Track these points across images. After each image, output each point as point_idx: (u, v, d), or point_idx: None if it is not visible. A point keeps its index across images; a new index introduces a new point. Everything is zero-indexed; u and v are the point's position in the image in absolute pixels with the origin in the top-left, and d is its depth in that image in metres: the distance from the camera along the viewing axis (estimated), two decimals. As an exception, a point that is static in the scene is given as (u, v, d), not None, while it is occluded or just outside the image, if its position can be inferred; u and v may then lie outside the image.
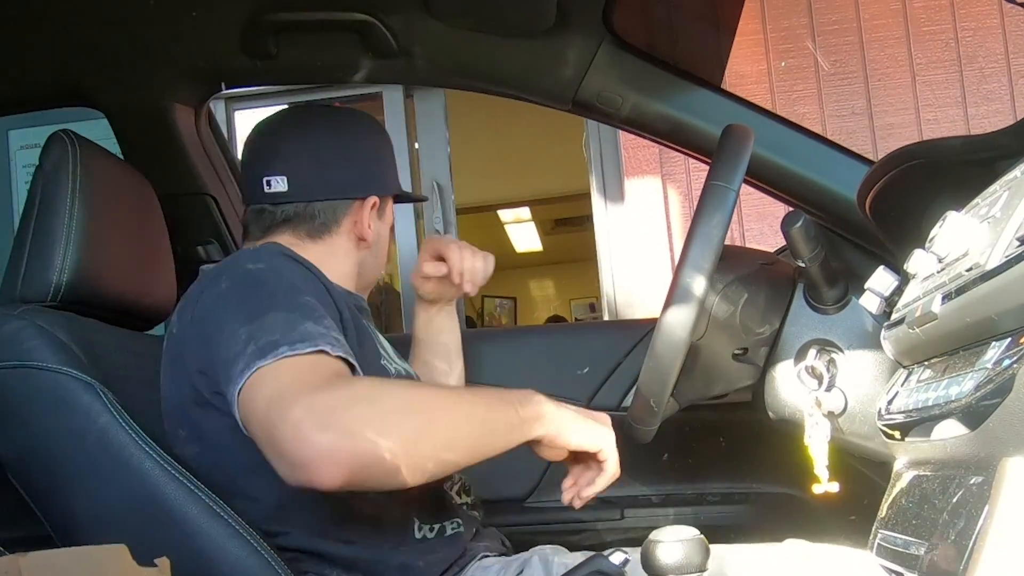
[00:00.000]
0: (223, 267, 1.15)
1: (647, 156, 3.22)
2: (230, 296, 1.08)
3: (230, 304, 1.07)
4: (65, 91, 1.55)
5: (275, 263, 1.13)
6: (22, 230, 1.22)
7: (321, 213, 1.29)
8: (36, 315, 1.14)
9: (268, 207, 1.29)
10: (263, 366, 0.96)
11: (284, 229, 1.29)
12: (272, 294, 1.07)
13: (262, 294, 1.07)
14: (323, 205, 1.29)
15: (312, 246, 1.29)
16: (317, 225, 1.29)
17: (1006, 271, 0.67)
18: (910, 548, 0.76)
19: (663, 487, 1.63)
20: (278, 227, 1.29)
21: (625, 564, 0.96)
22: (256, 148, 1.33)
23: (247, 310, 1.04)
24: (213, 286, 1.11)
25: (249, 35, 1.44)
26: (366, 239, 1.32)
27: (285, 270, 1.12)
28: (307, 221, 1.29)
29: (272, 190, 1.28)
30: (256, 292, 1.08)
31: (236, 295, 1.08)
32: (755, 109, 1.45)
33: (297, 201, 1.28)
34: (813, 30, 3.21)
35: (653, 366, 1.12)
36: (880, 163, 1.08)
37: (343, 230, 1.30)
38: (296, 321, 1.01)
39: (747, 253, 1.39)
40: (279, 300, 1.05)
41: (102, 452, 1.06)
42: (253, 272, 1.11)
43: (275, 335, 0.98)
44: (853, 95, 3.18)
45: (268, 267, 1.11)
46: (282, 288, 1.08)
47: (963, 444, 0.71)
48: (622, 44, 1.44)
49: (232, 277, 1.11)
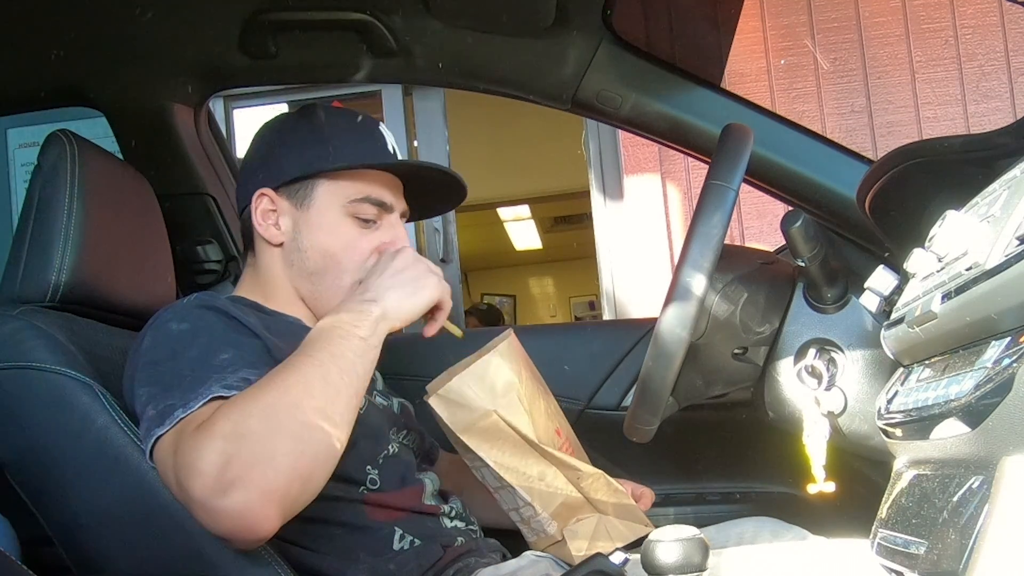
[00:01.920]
0: (153, 322, 1.12)
1: (646, 154, 3.22)
2: (147, 354, 1.08)
3: (143, 363, 1.07)
4: (64, 91, 1.55)
5: (199, 321, 1.10)
6: (20, 230, 1.22)
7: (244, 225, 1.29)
8: (34, 315, 1.14)
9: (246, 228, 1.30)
10: (160, 434, 0.97)
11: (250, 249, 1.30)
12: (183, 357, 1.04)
13: (173, 357, 1.05)
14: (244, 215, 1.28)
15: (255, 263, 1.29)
16: (247, 239, 1.29)
17: (1006, 270, 0.67)
18: (910, 547, 0.76)
19: (663, 487, 1.63)
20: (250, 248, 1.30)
21: (625, 564, 0.96)
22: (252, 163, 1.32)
23: (154, 373, 1.04)
24: (141, 340, 1.11)
25: (248, 34, 1.44)
26: (269, 239, 1.24)
27: (206, 328, 1.09)
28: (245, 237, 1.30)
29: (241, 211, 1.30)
30: (168, 355, 1.06)
31: (151, 355, 1.07)
32: (754, 108, 1.44)
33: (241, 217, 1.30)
34: (812, 28, 3.21)
35: (653, 365, 1.12)
36: (880, 162, 1.08)
37: (258, 239, 1.27)
38: (196, 383, 1.00)
39: (747, 252, 1.39)
40: (188, 362, 1.03)
41: (100, 452, 1.06)
42: (174, 334, 1.08)
43: (173, 399, 0.99)
44: (853, 93, 3.18)
45: (190, 327, 1.09)
46: (196, 348, 1.05)
47: (963, 443, 0.71)
48: (622, 43, 1.44)
49: (154, 336, 1.09)
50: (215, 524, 0.90)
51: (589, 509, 1.23)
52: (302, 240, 1.23)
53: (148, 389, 1.02)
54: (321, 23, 1.45)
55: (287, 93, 3.47)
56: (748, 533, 1.29)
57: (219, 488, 0.87)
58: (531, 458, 1.19)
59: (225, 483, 0.87)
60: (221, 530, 0.90)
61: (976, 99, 3.13)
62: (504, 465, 1.18)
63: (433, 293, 1.12)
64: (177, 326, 1.09)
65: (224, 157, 1.72)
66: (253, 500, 0.88)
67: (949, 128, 3.10)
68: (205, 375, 1.00)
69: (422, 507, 1.22)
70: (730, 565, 1.04)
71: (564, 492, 1.20)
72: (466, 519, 1.29)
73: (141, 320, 1.35)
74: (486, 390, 1.16)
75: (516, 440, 1.18)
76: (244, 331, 1.11)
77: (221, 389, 0.98)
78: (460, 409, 1.17)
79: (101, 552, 1.08)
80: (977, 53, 3.13)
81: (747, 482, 1.69)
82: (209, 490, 0.88)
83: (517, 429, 1.17)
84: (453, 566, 1.18)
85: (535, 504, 1.19)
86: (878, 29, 3.18)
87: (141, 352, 1.08)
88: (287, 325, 1.21)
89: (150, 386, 1.03)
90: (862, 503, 1.06)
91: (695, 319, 1.09)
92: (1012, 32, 3.12)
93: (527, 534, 1.25)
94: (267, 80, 1.63)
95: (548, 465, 1.20)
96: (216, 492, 0.87)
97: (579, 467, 1.20)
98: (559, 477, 1.20)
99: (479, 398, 1.16)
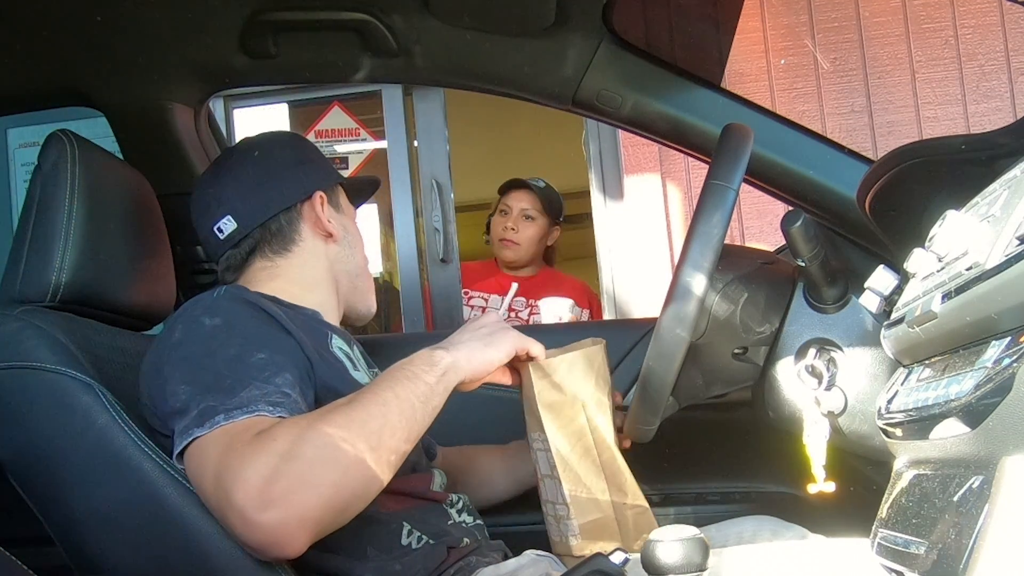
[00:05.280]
0: (181, 314, 1.15)
1: (647, 154, 3.22)
2: (180, 349, 1.09)
3: (177, 357, 1.08)
4: (64, 91, 1.55)
5: (232, 316, 1.12)
6: (21, 230, 1.22)
7: (278, 229, 1.31)
8: (35, 315, 1.14)
9: (231, 251, 1.32)
10: (200, 435, 0.99)
11: (254, 259, 1.32)
12: (220, 355, 1.06)
13: (210, 354, 1.07)
14: (275, 221, 1.31)
15: (285, 262, 1.32)
16: (280, 240, 1.32)
17: (1006, 270, 0.67)
18: (910, 547, 0.76)
19: (663, 487, 1.63)
20: (248, 261, 1.32)
21: (625, 564, 0.96)
22: (196, 212, 1.36)
23: (192, 368, 1.06)
24: (170, 333, 1.12)
25: (249, 34, 1.44)
26: (332, 233, 1.34)
27: (239, 323, 1.12)
28: (269, 241, 1.31)
29: (225, 234, 1.31)
30: (204, 351, 1.08)
31: (185, 350, 1.09)
32: (755, 108, 1.44)
33: (251, 229, 1.30)
34: (813, 28, 3.21)
35: (653, 365, 1.12)
36: (880, 162, 1.08)
37: (306, 235, 1.33)
38: (237, 386, 1.02)
39: (747, 252, 1.39)
40: (226, 362, 1.05)
41: (101, 452, 1.06)
42: (207, 328, 1.10)
43: (214, 401, 1.00)
44: (853, 93, 3.18)
45: (224, 322, 1.11)
46: (233, 347, 1.07)
47: (963, 443, 0.70)
48: (622, 43, 1.44)
49: (186, 329, 1.11)
50: (248, 535, 0.92)
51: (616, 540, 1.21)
52: (350, 239, 1.37)
53: (187, 387, 1.03)
54: (321, 23, 1.44)
55: (287, 93, 3.47)
56: (748, 532, 1.29)
57: (261, 502, 0.90)
58: (591, 463, 1.20)
59: (268, 499, 0.90)
60: (252, 541, 0.93)
61: (976, 99, 3.13)
62: (564, 458, 1.19)
63: (508, 347, 1.14)
64: (210, 321, 1.11)
65: (224, 157, 1.72)
66: (290, 521, 0.91)
67: (949, 128, 3.10)
68: (245, 377, 1.03)
69: (430, 494, 1.24)
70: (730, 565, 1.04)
71: (603, 512, 1.20)
72: (473, 513, 1.31)
73: (141, 320, 1.36)
74: (585, 379, 1.19)
75: (586, 439, 1.20)
76: (276, 326, 1.14)
77: (266, 407, 1.00)
78: (553, 386, 1.19)
79: (101, 552, 1.08)
80: (977, 53, 3.13)
81: (747, 482, 1.69)
82: (251, 501, 0.90)
83: (596, 430, 1.19)
84: (455, 565, 1.19)
85: (572, 508, 1.19)
86: (878, 29, 3.17)
87: (172, 345, 1.10)
88: (307, 318, 1.26)
89: (189, 384, 1.04)
90: (862, 503, 1.06)
91: (695, 319, 1.08)
92: (1012, 32, 3.12)
93: (552, 533, 1.25)
94: (267, 80, 1.63)
95: (602, 479, 1.20)
96: (258, 505, 0.90)
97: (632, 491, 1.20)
98: (606, 494, 1.20)
99: (576, 383, 1.19)
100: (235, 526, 0.93)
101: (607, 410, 1.22)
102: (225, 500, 0.93)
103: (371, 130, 3.60)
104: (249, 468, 0.92)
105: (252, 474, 0.91)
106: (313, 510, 0.93)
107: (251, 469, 0.92)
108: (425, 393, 1.05)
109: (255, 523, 0.91)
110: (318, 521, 0.94)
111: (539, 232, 3.08)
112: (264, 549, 0.93)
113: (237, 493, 0.91)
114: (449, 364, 1.09)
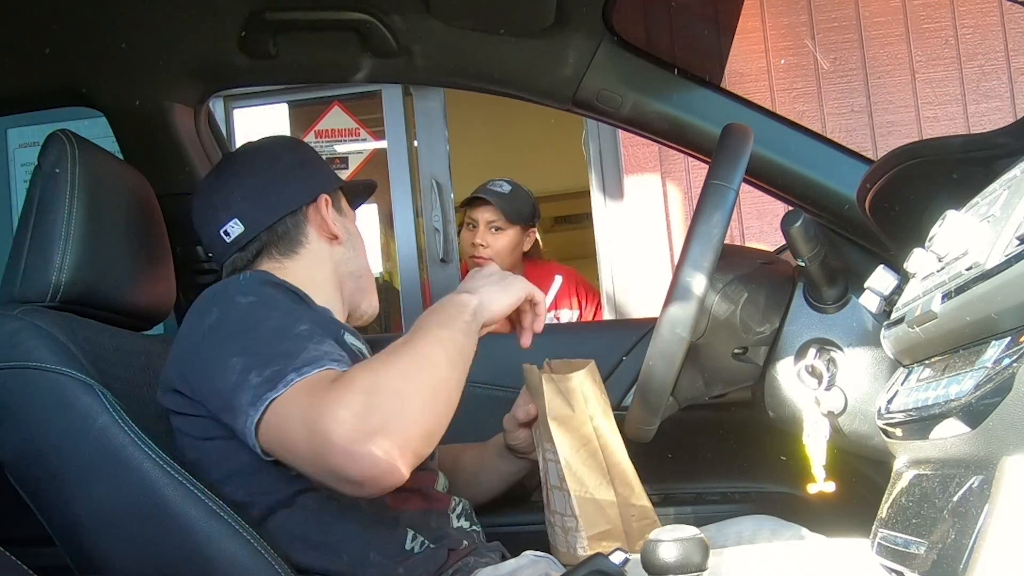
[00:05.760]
0: (213, 297, 1.16)
1: (647, 154, 3.22)
2: (222, 328, 1.10)
3: (222, 336, 1.10)
4: (64, 91, 1.55)
5: (264, 294, 1.15)
6: (21, 230, 1.22)
7: (284, 231, 1.33)
8: (35, 315, 1.14)
9: (237, 254, 1.32)
10: (276, 397, 1.00)
11: (260, 261, 1.33)
12: (267, 327, 1.09)
13: (255, 327, 1.09)
14: (282, 224, 1.33)
15: (292, 264, 1.33)
16: (287, 243, 1.33)
17: (1006, 270, 0.67)
18: (910, 547, 0.76)
19: (663, 487, 1.63)
20: (254, 263, 1.33)
21: (625, 564, 0.95)
22: (200, 215, 1.36)
23: (242, 343, 1.07)
24: (204, 316, 1.13)
25: (248, 34, 1.44)
26: (337, 235, 1.36)
27: (274, 300, 1.15)
28: (276, 244, 1.33)
29: (232, 236, 1.32)
30: (249, 325, 1.10)
31: (228, 328, 1.10)
32: (754, 108, 1.44)
33: (258, 232, 1.32)
34: (812, 28, 3.21)
35: (653, 365, 1.12)
36: (880, 162, 1.08)
37: (312, 238, 1.35)
38: (296, 349, 1.04)
39: (747, 252, 1.39)
40: (275, 332, 1.08)
41: (101, 452, 1.06)
42: (244, 305, 1.13)
43: (279, 365, 1.02)
44: (853, 93, 3.18)
45: (259, 300, 1.14)
46: (276, 319, 1.10)
47: (963, 443, 0.70)
48: (622, 43, 1.44)
49: (223, 309, 1.13)
50: (353, 468, 0.94)
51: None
52: (353, 241, 1.39)
53: (242, 359, 1.05)
54: (321, 23, 1.44)
55: (287, 93, 3.47)
56: (747, 532, 1.29)
57: (363, 435, 0.93)
58: (600, 475, 1.21)
59: (368, 431, 0.94)
60: (356, 474, 0.94)
61: (976, 99, 3.13)
62: (573, 470, 1.20)
63: (522, 290, 1.21)
64: (245, 299, 1.13)
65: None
66: (394, 448, 0.94)
67: (949, 128, 3.10)
68: (297, 343, 1.06)
69: (434, 493, 1.26)
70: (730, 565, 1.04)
71: (611, 523, 1.21)
72: (471, 518, 1.31)
73: (141, 320, 1.36)
74: (593, 394, 1.21)
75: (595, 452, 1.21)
76: (305, 303, 1.20)
77: (331, 362, 1.03)
78: (564, 401, 1.21)
79: (101, 552, 1.08)
80: (977, 53, 3.13)
81: (747, 482, 1.69)
82: (351, 435, 0.93)
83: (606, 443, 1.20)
84: (453, 566, 1.19)
85: (580, 520, 1.19)
86: (878, 29, 3.17)
87: (211, 326, 1.11)
88: (322, 312, 1.28)
89: (242, 356, 1.05)
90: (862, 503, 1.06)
91: (695, 319, 1.09)
92: (1012, 32, 3.12)
93: (559, 544, 1.25)
94: (267, 80, 1.63)
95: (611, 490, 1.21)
96: (360, 438, 0.93)
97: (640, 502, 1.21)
98: (614, 506, 1.21)
99: (586, 399, 1.21)
100: (341, 466, 0.94)
101: (613, 423, 1.23)
102: (325, 444, 0.94)
103: (371, 130, 3.60)
104: (341, 409, 0.94)
105: (346, 413, 0.94)
106: (411, 435, 0.96)
107: (343, 409, 0.94)
108: (465, 330, 1.11)
109: (362, 455, 0.93)
110: (416, 446, 0.97)
111: (510, 242, 2.89)
112: (374, 481, 0.95)
113: (336, 433, 0.93)
114: (476, 306, 1.14)
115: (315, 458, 0.97)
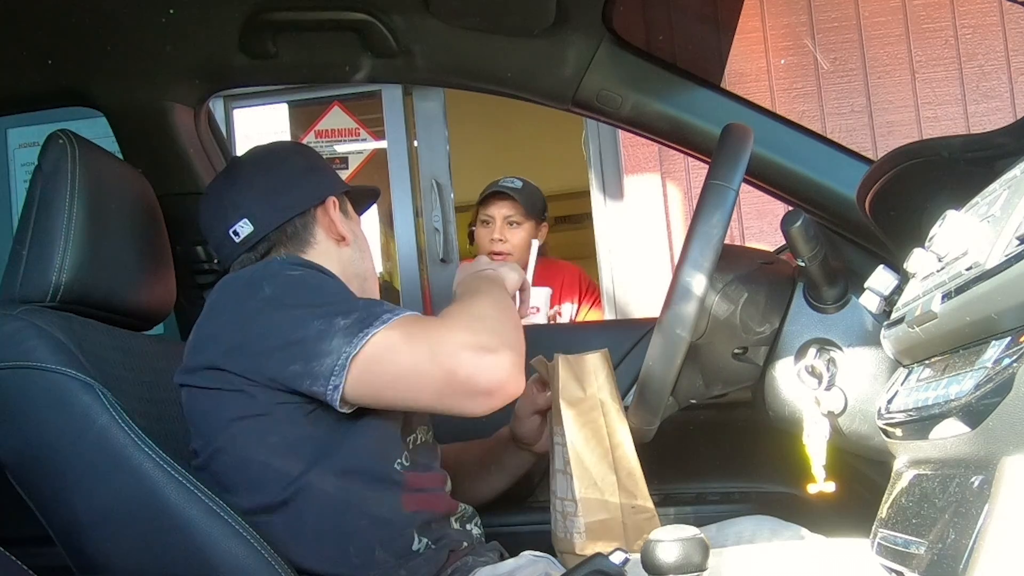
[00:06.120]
0: (259, 275, 1.18)
1: (647, 154, 3.22)
2: (283, 296, 1.13)
3: (288, 302, 1.13)
4: (64, 91, 1.55)
5: (312, 267, 1.21)
6: (21, 230, 1.22)
7: (293, 232, 1.34)
8: (35, 315, 1.14)
9: (246, 254, 1.32)
10: (375, 332, 1.06)
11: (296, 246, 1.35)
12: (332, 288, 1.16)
13: (322, 288, 1.16)
14: (291, 225, 1.34)
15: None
16: (296, 243, 1.34)
17: (1006, 270, 0.67)
18: (910, 547, 0.76)
19: (663, 487, 1.63)
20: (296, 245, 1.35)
21: (625, 564, 0.95)
22: (208, 216, 1.37)
23: (316, 300, 1.13)
24: (254, 291, 1.15)
25: (248, 34, 1.44)
26: (344, 236, 1.37)
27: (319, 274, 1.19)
28: (285, 244, 1.33)
29: (241, 237, 1.32)
30: (314, 288, 1.15)
31: (292, 293, 1.14)
32: (754, 108, 1.44)
33: (268, 232, 1.32)
34: (813, 28, 3.21)
35: (653, 365, 1.12)
36: (880, 162, 1.08)
37: (320, 238, 1.35)
38: (371, 302, 1.12)
39: (747, 252, 1.39)
40: (343, 291, 1.16)
41: (101, 452, 1.06)
42: (299, 276, 1.17)
43: (365, 311, 1.08)
44: (853, 93, 3.18)
45: (310, 272, 1.19)
46: (335, 283, 1.17)
47: (963, 443, 0.70)
48: (622, 43, 1.44)
49: (276, 282, 1.16)
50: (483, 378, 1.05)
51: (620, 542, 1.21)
52: (359, 243, 1.41)
53: (321, 310, 1.10)
54: (321, 23, 1.44)
55: (287, 93, 3.47)
56: (747, 532, 1.29)
57: (484, 349, 1.05)
58: (605, 464, 1.22)
59: (488, 345, 1.06)
60: (486, 383, 1.05)
61: (976, 99, 3.13)
62: (579, 455, 1.21)
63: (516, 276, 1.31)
64: (295, 271, 1.18)
65: (224, 157, 1.72)
66: (514, 357, 1.07)
67: (949, 128, 3.10)
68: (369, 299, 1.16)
69: (444, 494, 1.28)
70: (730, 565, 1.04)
71: (611, 513, 1.21)
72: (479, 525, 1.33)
73: (141, 320, 1.36)
74: (607, 381, 1.24)
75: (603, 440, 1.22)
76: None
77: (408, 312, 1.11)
78: (577, 384, 1.24)
79: (101, 552, 1.08)
80: (977, 53, 3.13)
81: (747, 482, 1.69)
82: (476, 348, 1.05)
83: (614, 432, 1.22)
84: (452, 566, 1.19)
85: (580, 506, 1.20)
86: (878, 29, 3.18)
87: (269, 297, 1.14)
88: None
89: (322, 308, 1.11)
90: (862, 503, 1.06)
91: (695, 319, 1.08)
92: (1012, 32, 3.12)
93: (557, 528, 1.26)
94: (267, 80, 1.63)
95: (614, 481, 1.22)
96: (482, 350, 1.05)
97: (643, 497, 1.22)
98: (616, 497, 1.21)
99: (598, 384, 1.24)
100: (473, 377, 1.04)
101: (623, 414, 1.24)
102: (452, 359, 1.04)
103: (371, 130, 3.60)
104: (456, 332, 1.06)
105: (463, 334, 1.06)
106: (520, 349, 1.10)
107: (458, 333, 1.06)
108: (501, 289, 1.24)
109: (487, 366, 1.05)
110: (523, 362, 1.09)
111: (527, 236, 2.94)
112: (502, 387, 1.06)
113: (463, 350, 1.05)
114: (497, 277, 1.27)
115: (445, 376, 1.05)
